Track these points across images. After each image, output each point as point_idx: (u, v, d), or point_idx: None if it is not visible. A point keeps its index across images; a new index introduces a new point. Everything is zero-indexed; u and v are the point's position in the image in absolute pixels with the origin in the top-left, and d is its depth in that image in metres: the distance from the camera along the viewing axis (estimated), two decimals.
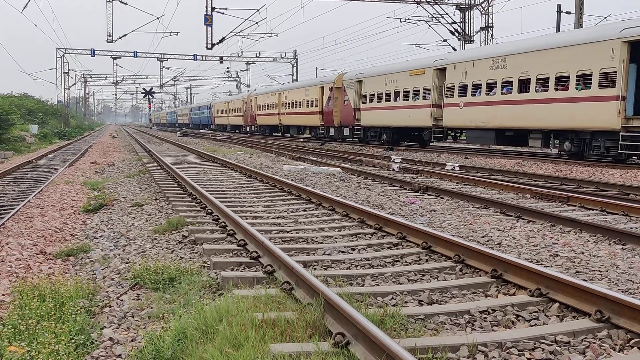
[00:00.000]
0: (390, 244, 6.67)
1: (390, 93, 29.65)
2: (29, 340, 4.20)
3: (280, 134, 49.32)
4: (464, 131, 26.09)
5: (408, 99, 27.97)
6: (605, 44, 17.24)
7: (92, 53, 62.98)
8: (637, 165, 16.52)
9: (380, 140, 31.25)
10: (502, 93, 21.47)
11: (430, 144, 29.97)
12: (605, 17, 30.46)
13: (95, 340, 4.33)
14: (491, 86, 22.07)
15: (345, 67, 64.64)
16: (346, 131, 34.90)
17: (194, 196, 10.45)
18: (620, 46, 16.74)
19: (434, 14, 36.64)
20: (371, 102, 31.43)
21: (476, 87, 22.96)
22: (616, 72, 16.87)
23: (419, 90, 27.14)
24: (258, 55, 69.01)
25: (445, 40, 38.92)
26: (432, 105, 26.06)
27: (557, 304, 4.41)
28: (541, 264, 5.72)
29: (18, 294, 5.29)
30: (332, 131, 36.93)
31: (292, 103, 43.65)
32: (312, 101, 39.31)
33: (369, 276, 5.33)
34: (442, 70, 25.52)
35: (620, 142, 16.92)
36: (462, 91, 23.77)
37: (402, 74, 28.72)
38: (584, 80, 17.98)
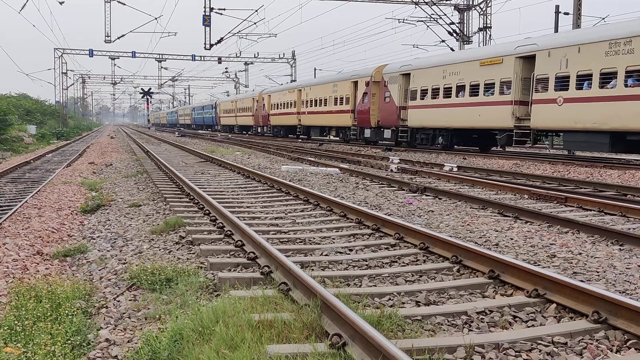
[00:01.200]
0: (387, 244, 6.67)
1: (450, 87, 24.39)
2: (25, 341, 4.18)
3: (299, 136, 43.51)
4: (560, 134, 21.66)
5: (477, 94, 22.76)
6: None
7: (91, 53, 62.91)
8: (635, 166, 16.52)
9: (435, 144, 26.17)
10: (628, 86, 16.77)
11: (494, 149, 25.71)
12: (604, 18, 30.52)
13: (92, 341, 4.32)
14: (608, 77, 17.44)
15: (344, 68, 64.19)
16: (387, 133, 29.44)
17: (192, 197, 10.44)
18: None
19: (432, 14, 36.67)
20: (423, 99, 26.07)
21: (583, 79, 18.32)
22: None
23: (493, 84, 22.09)
24: (256, 55, 68.99)
25: (443, 41, 38.95)
26: (515, 101, 21.09)
27: (554, 305, 4.41)
28: (539, 265, 5.72)
29: (14, 294, 5.28)
30: (367, 133, 31.47)
31: (315, 101, 38.02)
32: (342, 98, 33.98)
33: (366, 277, 5.33)
34: (528, 59, 20.72)
35: None
36: (562, 83, 19.12)
37: (469, 64, 23.45)
38: None
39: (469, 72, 23.32)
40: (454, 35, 37.04)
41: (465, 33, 37.55)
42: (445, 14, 36.65)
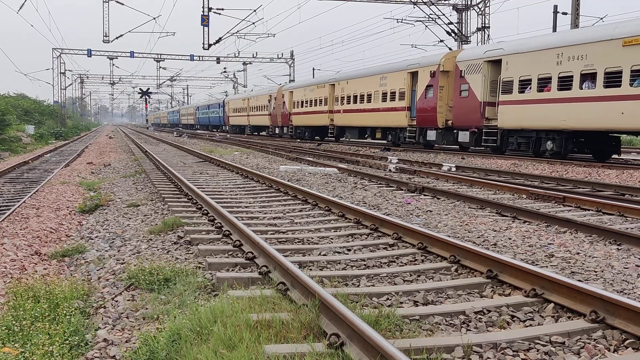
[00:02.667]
0: (386, 244, 6.67)
1: (569, 76, 18.56)
2: (23, 341, 4.18)
3: (331, 137, 37.02)
4: None
5: (617, 85, 16.94)
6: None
7: (89, 53, 62.84)
8: (633, 165, 16.54)
9: (540, 151, 20.38)
10: None
11: None
12: (602, 18, 30.55)
13: (90, 341, 4.32)
14: None
15: (343, 68, 63.96)
16: (463, 135, 23.56)
17: (190, 197, 10.44)
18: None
19: (430, 14, 36.68)
20: (522, 92, 20.32)
21: None
22: None
23: None
24: (255, 55, 68.94)
25: (442, 41, 38.98)
26: None
27: (552, 305, 4.41)
28: (536, 265, 5.73)
29: (12, 294, 5.27)
30: (431, 134, 25.80)
31: (355, 97, 32.35)
32: (394, 93, 28.21)
33: (364, 277, 5.33)
34: None
35: None
36: None
37: (603, 45, 17.56)
38: None
39: (602, 56, 17.51)
40: (453, 35, 37.05)
41: (463, 33, 37.57)
42: (443, 14, 36.69)
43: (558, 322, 4.16)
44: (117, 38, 53.31)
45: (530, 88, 20.04)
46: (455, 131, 24.29)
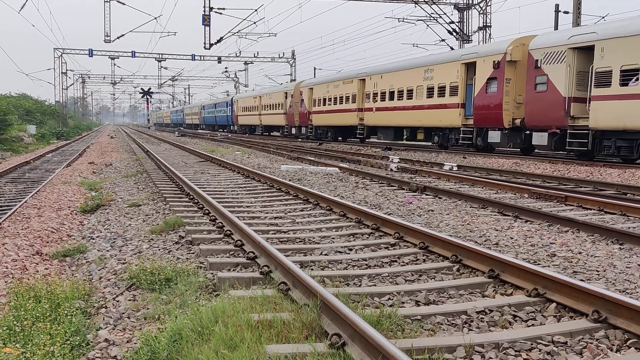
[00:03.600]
0: (387, 244, 6.66)
1: None
2: (24, 342, 4.17)
3: (359, 138, 33.52)
4: None
5: None
6: None
7: (90, 53, 62.91)
8: (635, 165, 16.51)
9: None
10: None
11: None
12: (604, 17, 30.48)
13: (91, 342, 4.31)
14: None
15: (344, 67, 63.78)
16: (539, 137, 19.66)
17: (191, 196, 10.43)
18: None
19: (432, 13, 36.65)
20: (625, 85, 16.55)
21: None
22: None
23: None
24: (256, 55, 68.96)
25: (443, 40, 38.91)
26: None
27: (554, 304, 4.40)
28: (538, 264, 5.71)
29: (13, 295, 5.27)
30: (494, 135, 21.92)
31: (390, 93, 28.68)
32: (442, 88, 24.55)
33: (366, 276, 5.32)
34: None
35: None
36: None
37: None
38: None
39: None
40: (454, 34, 37.01)
41: (465, 32, 37.53)
42: (445, 13, 36.63)
43: (560, 321, 4.15)
44: (118, 38, 53.38)
45: (637, 79, 16.27)
46: (527, 132, 20.52)
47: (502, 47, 21.50)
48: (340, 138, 37.40)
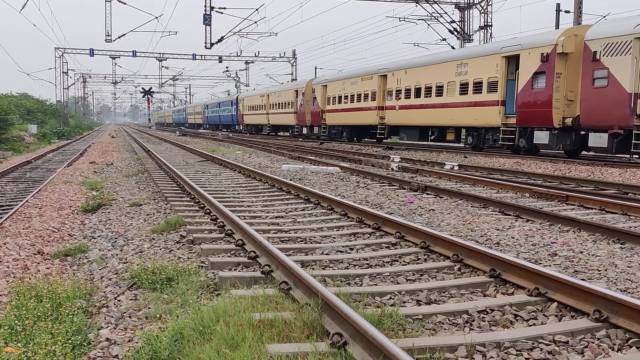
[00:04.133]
0: (388, 243, 6.66)
1: None
2: (26, 341, 4.18)
3: (379, 138, 31.16)
4: None
5: None
6: None
7: (91, 53, 62.95)
8: (636, 164, 16.49)
9: None
10: None
11: None
12: (604, 16, 30.45)
13: (93, 341, 4.31)
14: None
15: (345, 67, 63.75)
16: (597, 138, 17.84)
17: (193, 196, 10.44)
18: None
19: (432, 13, 36.65)
20: None
21: None
22: None
23: None
24: (257, 54, 68.98)
25: (444, 39, 38.93)
26: None
27: (555, 304, 4.40)
28: (540, 264, 5.71)
29: (15, 294, 5.28)
30: (541, 136, 19.82)
31: (417, 89, 26.31)
32: (479, 83, 22.18)
33: (367, 276, 5.32)
34: None
35: None
36: None
37: None
38: None
39: None
40: (455, 33, 37.01)
41: (466, 31, 37.51)
42: (446, 12, 36.65)
43: (561, 321, 4.15)
44: (119, 37, 53.39)
45: None
46: (581, 133, 18.80)
47: (551, 38, 19.30)
48: (355, 138, 35.25)
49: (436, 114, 25.15)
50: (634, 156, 17.62)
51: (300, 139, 38.42)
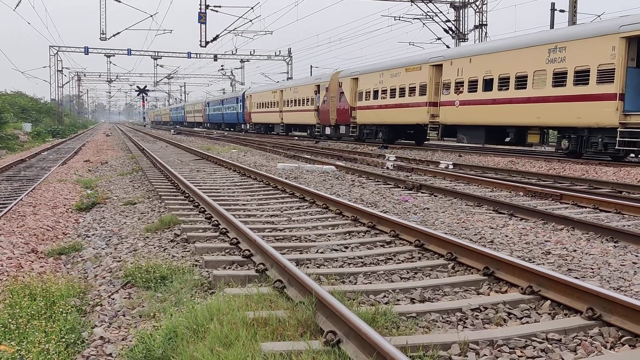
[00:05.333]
0: (383, 242, 6.67)
1: None
2: (19, 339, 4.18)
3: (430, 139, 27.54)
4: None
5: None
6: None
7: (86, 51, 62.71)
8: (630, 163, 16.56)
9: None
10: None
11: None
12: (599, 16, 30.56)
13: (86, 339, 4.31)
14: None
15: (341, 66, 63.61)
16: None
17: (187, 194, 10.42)
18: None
19: (428, 12, 36.67)
20: None
21: None
22: None
23: None
24: (252, 53, 68.82)
25: (439, 39, 39.00)
26: None
27: (548, 302, 4.42)
28: (533, 262, 5.73)
29: (9, 292, 5.26)
30: None
31: (486, 81, 21.79)
32: (582, 72, 17.81)
33: (361, 274, 5.33)
34: None
35: None
36: None
37: None
38: None
39: None
40: (450, 32, 37.05)
41: (461, 30, 37.56)
42: (441, 11, 36.74)
43: (555, 319, 4.17)
44: (114, 36, 53.17)
45: None
46: None
47: None
48: (400, 139, 30.26)
49: (515, 110, 20.43)
50: None
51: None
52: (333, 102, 34.71)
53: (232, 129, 61.00)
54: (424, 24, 38.66)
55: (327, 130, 36.59)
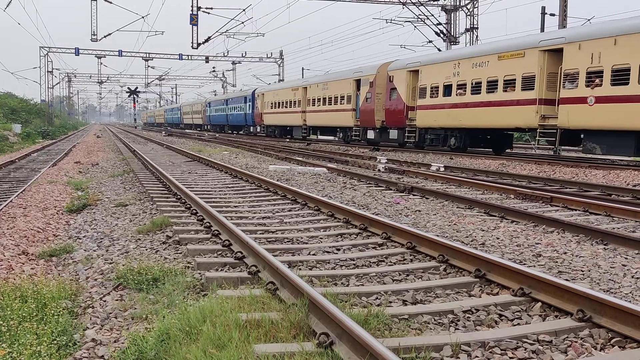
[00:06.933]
0: (375, 244, 6.69)
1: None
2: (10, 342, 4.16)
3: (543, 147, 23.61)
4: None
5: None
6: None
7: (77, 52, 62.45)
8: (619, 166, 16.69)
9: None
10: None
11: None
12: (589, 20, 30.77)
13: (78, 342, 4.29)
14: None
15: (333, 68, 63.51)
16: None
17: (179, 196, 10.40)
18: None
19: (419, 15, 36.79)
20: None
21: None
22: None
23: None
24: (244, 55, 68.77)
25: (430, 42, 39.12)
26: None
27: (539, 304, 4.45)
28: (524, 264, 5.76)
29: None
30: None
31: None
32: None
33: (353, 276, 5.34)
34: None
35: None
36: None
37: None
38: None
39: None
40: (441, 35, 37.19)
41: (452, 34, 37.72)
42: (432, 15, 36.79)
43: (545, 321, 4.20)
44: (105, 37, 52.96)
45: None
46: None
47: None
48: (480, 146, 24.32)
49: None
50: None
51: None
52: (379, 100, 28.86)
53: (238, 132, 55.57)
54: (415, 27, 38.85)
55: (370, 134, 30.21)
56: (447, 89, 23.89)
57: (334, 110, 33.81)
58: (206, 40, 44.53)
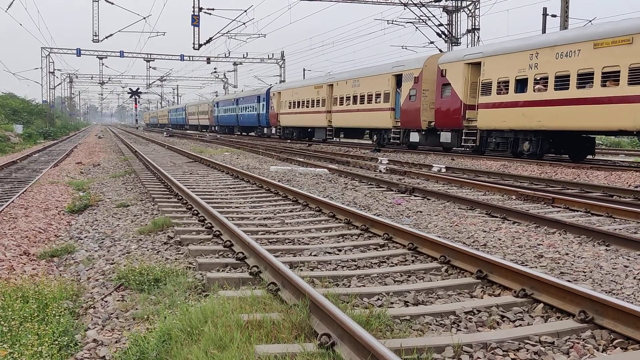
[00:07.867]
0: (376, 244, 6.68)
1: None
2: (12, 342, 4.15)
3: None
4: None
5: None
6: None
7: (78, 53, 62.53)
8: (621, 167, 16.67)
9: None
10: None
11: None
12: (591, 21, 30.76)
13: (79, 342, 4.29)
14: None
15: (334, 69, 63.38)
16: None
17: (180, 197, 10.40)
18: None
19: (421, 16, 36.77)
20: None
21: None
22: None
23: None
24: (245, 56, 68.80)
25: (432, 42, 39.14)
26: None
27: (541, 305, 4.44)
28: (526, 265, 5.76)
29: (1, 295, 5.22)
30: None
31: None
32: None
33: (355, 277, 5.33)
34: None
35: None
36: None
37: None
38: None
39: None
40: (443, 36, 37.19)
41: (453, 34, 37.72)
42: (434, 16, 36.77)
43: (547, 322, 4.19)
44: (106, 37, 53.10)
45: None
46: None
47: None
48: (560, 152, 20.69)
49: None
50: None
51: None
52: (427, 97, 25.28)
53: (249, 134, 51.83)
54: (417, 27, 38.87)
55: (414, 137, 26.54)
56: (521, 84, 20.13)
57: (367, 109, 29.94)
58: (208, 41, 44.56)
